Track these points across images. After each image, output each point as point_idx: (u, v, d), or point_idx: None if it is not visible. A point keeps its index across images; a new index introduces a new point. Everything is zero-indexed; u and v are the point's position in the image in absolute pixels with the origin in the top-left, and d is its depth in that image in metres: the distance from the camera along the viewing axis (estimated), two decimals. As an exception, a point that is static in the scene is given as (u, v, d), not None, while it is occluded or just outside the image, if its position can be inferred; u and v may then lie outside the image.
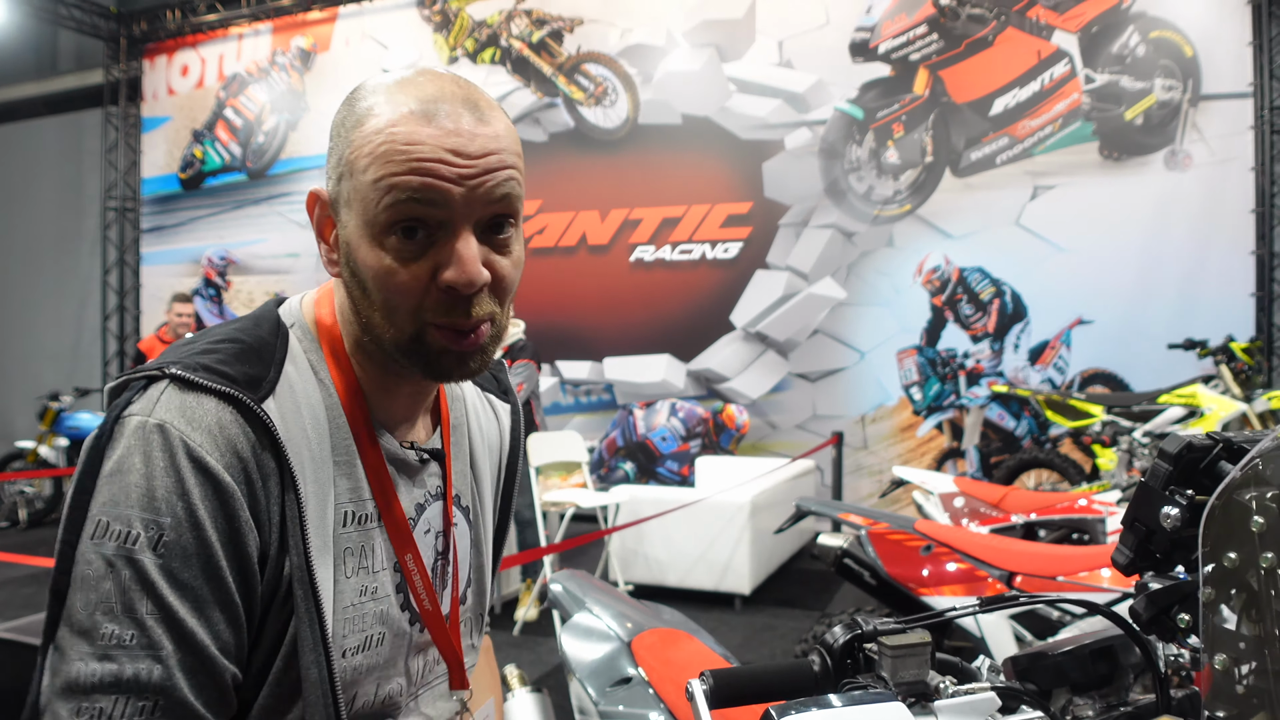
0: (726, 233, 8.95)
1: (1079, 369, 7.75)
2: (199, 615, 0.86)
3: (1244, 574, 0.96)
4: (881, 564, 3.30)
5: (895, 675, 1.01)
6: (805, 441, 8.42)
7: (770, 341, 8.79)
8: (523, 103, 9.80)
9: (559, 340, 9.41)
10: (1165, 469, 1.00)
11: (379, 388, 1.05)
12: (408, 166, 0.91)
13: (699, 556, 6.32)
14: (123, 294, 12.43)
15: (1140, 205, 7.56)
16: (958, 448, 8.18)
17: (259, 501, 0.91)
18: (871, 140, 8.43)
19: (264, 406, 0.94)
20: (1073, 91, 7.80)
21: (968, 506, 4.74)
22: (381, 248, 0.94)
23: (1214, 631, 0.97)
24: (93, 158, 12.74)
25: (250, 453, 0.91)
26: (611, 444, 8.93)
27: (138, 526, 0.85)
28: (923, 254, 8.25)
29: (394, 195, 0.91)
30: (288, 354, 1.01)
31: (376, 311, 0.96)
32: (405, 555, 1.05)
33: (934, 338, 8.21)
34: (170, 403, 0.90)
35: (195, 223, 11.90)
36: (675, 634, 2.13)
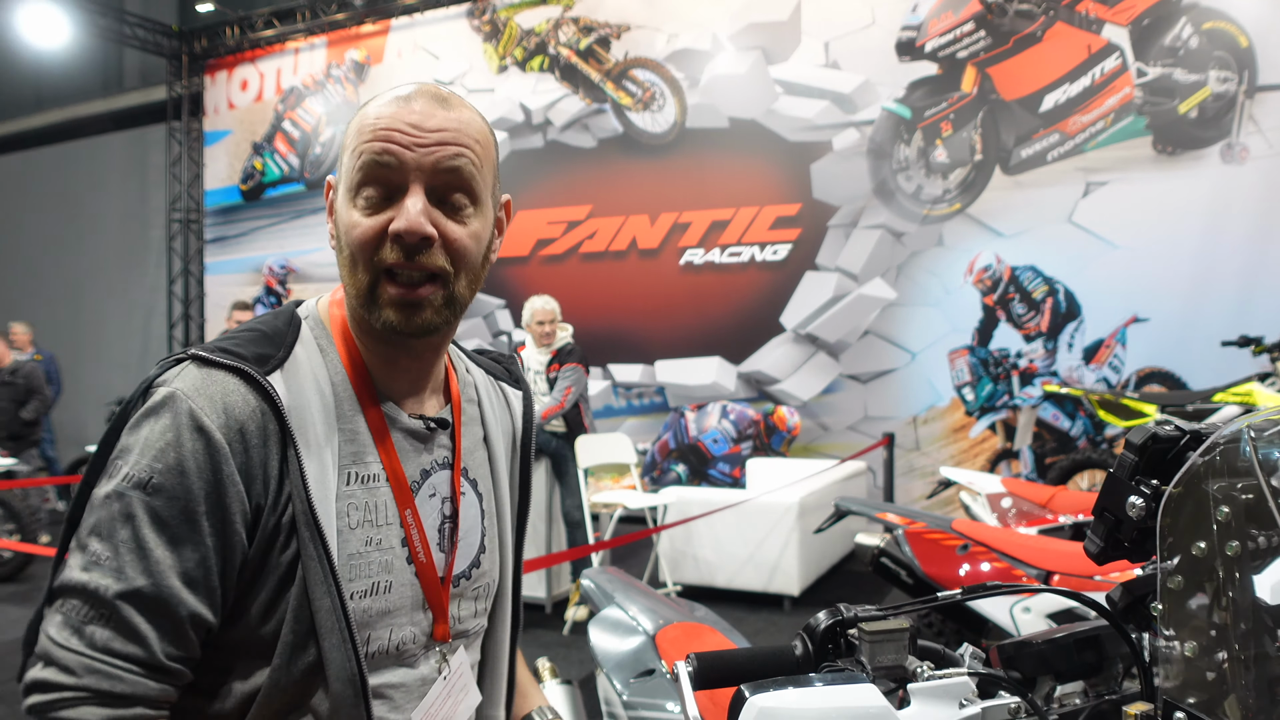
0: (775, 234, 8.96)
1: (1135, 368, 7.63)
2: (172, 552, 1.00)
3: (1211, 563, 0.99)
4: (918, 563, 3.31)
5: (874, 659, 1.05)
6: (857, 443, 8.40)
7: (821, 343, 8.78)
8: (571, 109, 9.90)
9: (610, 344, 9.48)
10: (1131, 459, 1.03)
11: (382, 362, 1.19)
12: (372, 134, 1.09)
13: (748, 558, 6.34)
14: (187, 303, 12.76)
15: (1196, 200, 7.43)
16: (1011, 448, 8.10)
17: (253, 459, 1.05)
18: (920, 139, 8.39)
19: (269, 379, 1.07)
20: (1124, 86, 7.69)
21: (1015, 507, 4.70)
22: (353, 206, 1.11)
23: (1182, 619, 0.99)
24: (157, 172, 13.10)
25: (250, 417, 1.05)
26: (664, 446, 8.98)
27: (134, 470, 1.01)
28: (973, 253, 8.18)
29: (363, 158, 1.09)
30: (298, 338, 1.15)
31: (346, 269, 1.13)
32: (405, 510, 1.16)
33: (986, 337, 8.14)
34: (187, 376, 1.06)
35: (256, 233, 12.19)
36: (699, 628, 2.18)
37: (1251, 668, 0.94)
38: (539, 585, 6.31)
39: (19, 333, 10.40)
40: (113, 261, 13.94)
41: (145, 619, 0.98)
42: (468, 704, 1.26)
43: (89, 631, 0.97)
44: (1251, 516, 0.98)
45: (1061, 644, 1.16)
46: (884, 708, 0.97)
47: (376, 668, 1.14)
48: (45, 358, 10.52)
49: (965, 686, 1.03)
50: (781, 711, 0.94)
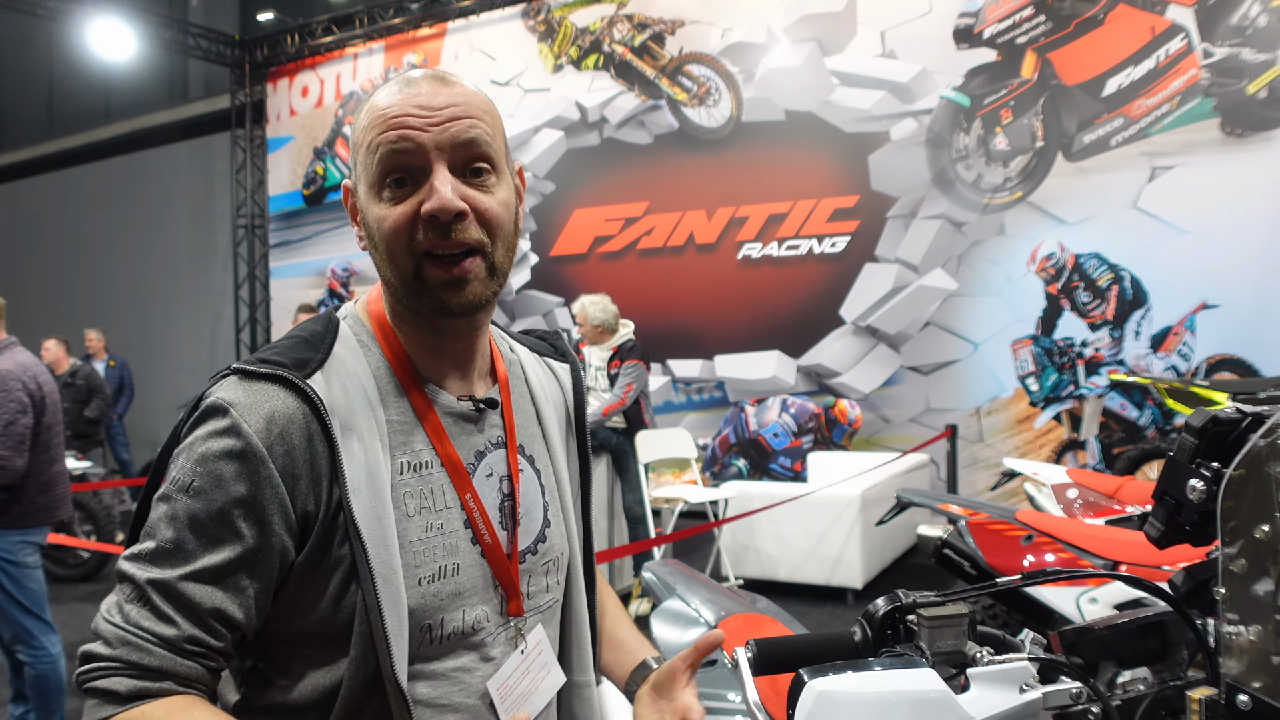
0: (833, 227, 8.91)
1: (1204, 355, 7.47)
2: (203, 547, 1.05)
3: (1275, 545, 0.98)
4: (981, 554, 3.28)
5: (933, 645, 1.06)
6: (919, 435, 8.33)
7: (881, 335, 8.71)
8: (627, 106, 9.93)
9: (669, 339, 9.50)
10: (1191, 442, 1.02)
11: (424, 350, 1.21)
12: (385, 125, 1.11)
13: (810, 551, 6.33)
14: (254, 307, 13.02)
15: (1266, 182, 7.25)
16: (1077, 439, 7.97)
17: (297, 461, 1.08)
18: (979, 127, 8.28)
19: (309, 382, 1.10)
20: (1190, 67, 7.52)
21: (1081, 498, 4.63)
22: (380, 201, 1.13)
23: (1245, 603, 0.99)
24: (222, 179, 13.38)
25: (292, 420, 1.08)
26: (724, 441, 8.98)
27: (180, 474, 1.07)
28: (1035, 241, 8.06)
29: (380, 151, 1.11)
30: (337, 338, 1.17)
31: (385, 263, 1.14)
32: (465, 495, 1.19)
33: (1050, 327, 8.02)
34: (229, 387, 1.10)
35: (319, 237, 12.40)
36: (760, 619, 2.19)
37: (1317, 651, 0.93)
38: (602, 580, 6.35)
39: (93, 339, 10.71)
40: (181, 268, 14.27)
41: (172, 607, 1.04)
42: (550, 682, 1.28)
43: (127, 609, 1.04)
44: (1316, 498, 0.97)
45: (1124, 630, 1.16)
46: (944, 692, 0.97)
47: (450, 650, 1.17)
48: (118, 363, 10.83)
49: (1025, 671, 1.03)
50: (840, 695, 0.95)
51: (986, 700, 1.00)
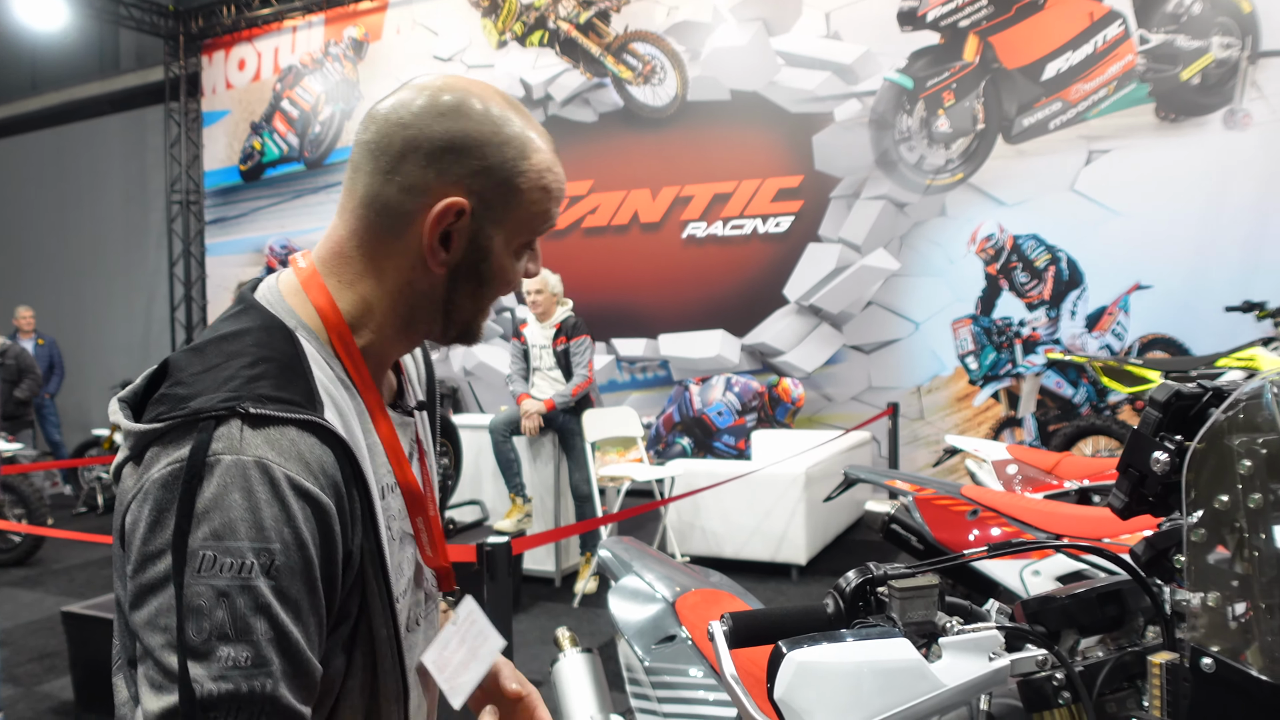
0: (778, 207, 8.96)
1: (1138, 334, 7.65)
2: (300, 625, 0.94)
3: (1233, 516, 1.01)
4: (929, 529, 3.34)
5: (904, 615, 1.08)
6: (861, 413, 8.43)
7: (824, 314, 8.80)
8: (572, 84, 9.87)
9: (614, 318, 9.50)
10: (1155, 416, 1.05)
11: (377, 360, 1.14)
12: (554, 200, 1.13)
13: (755, 528, 6.39)
14: (189, 285, 12.77)
15: (1199, 167, 7.43)
16: (1015, 416, 8.13)
17: (345, 510, 1.00)
18: (922, 109, 8.37)
19: (328, 420, 1.00)
20: (1127, 53, 7.67)
21: (1021, 473, 4.73)
22: (513, 254, 1.13)
23: (1206, 571, 1.02)
24: (156, 153, 13.07)
25: (333, 467, 0.99)
26: (668, 420, 9.01)
27: (249, 556, 0.91)
28: (976, 222, 8.19)
29: (544, 224, 1.13)
30: (309, 361, 1.05)
31: (470, 300, 1.13)
32: (417, 518, 1.18)
33: (989, 306, 8.16)
34: (255, 439, 0.95)
35: (257, 213, 12.18)
36: (718, 594, 2.21)
37: (1274, 615, 0.97)
38: (548, 559, 6.36)
39: (24, 317, 10.44)
40: (113, 244, 13.93)
41: (296, 696, 0.93)
42: (489, 648, 1.25)
43: None
44: (1273, 469, 1.00)
45: (1085, 599, 1.19)
46: (918, 660, 0.99)
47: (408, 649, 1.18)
48: (47, 342, 10.56)
49: (994, 640, 1.06)
50: (819, 665, 0.96)
51: (957, 668, 1.02)
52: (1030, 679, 1.10)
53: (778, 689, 0.97)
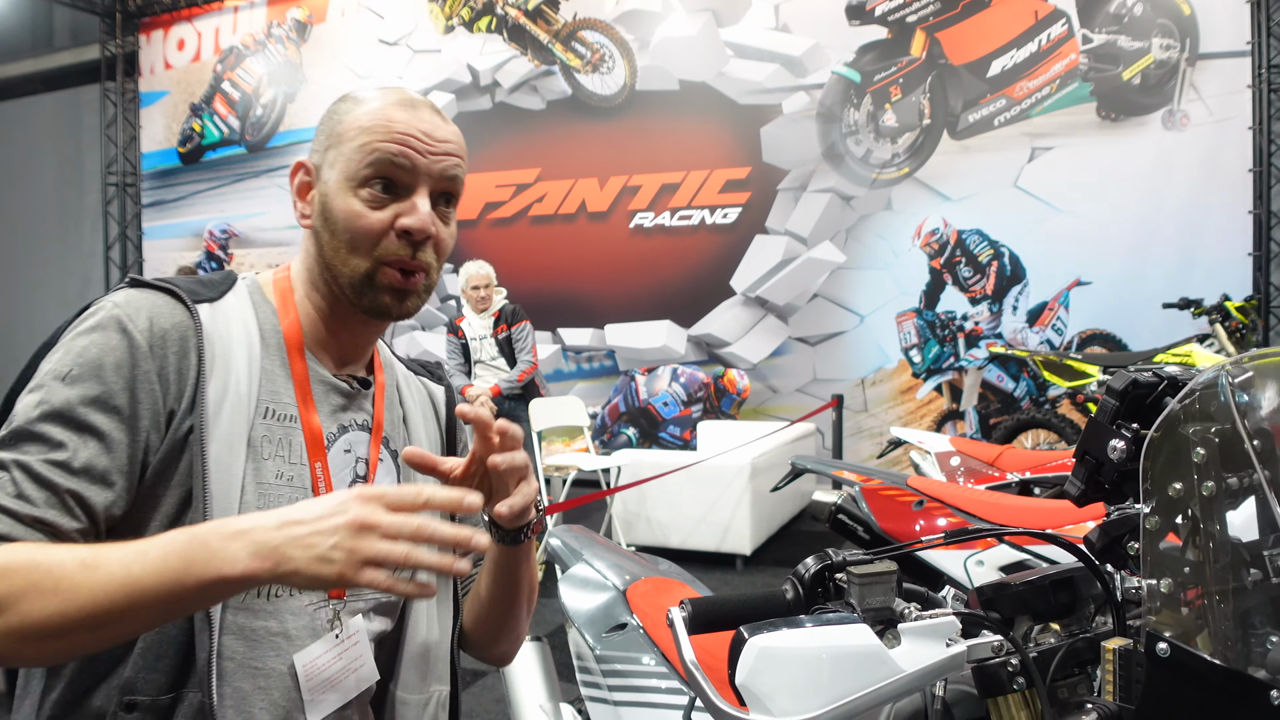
0: (725, 198, 8.98)
1: (1077, 330, 7.79)
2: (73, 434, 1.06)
3: (1187, 503, 1.03)
4: (875, 519, 3.36)
5: (863, 602, 1.08)
6: (806, 405, 8.49)
7: (770, 306, 8.83)
8: (519, 71, 9.80)
9: (560, 307, 9.46)
10: (1112, 404, 1.06)
11: (321, 329, 1.28)
12: (390, 135, 1.20)
13: (700, 518, 6.41)
14: (125, 269, 12.48)
15: (1138, 166, 7.57)
16: (957, 409, 8.24)
17: (169, 365, 1.13)
18: (869, 103, 8.43)
19: (196, 307, 1.17)
20: (1070, 52, 7.79)
21: (964, 465, 4.79)
22: (356, 197, 1.20)
23: (1160, 557, 1.03)
24: (91, 134, 12.75)
25: (174, 328, 1.14)
26: (614, 410, 9.01)
27: (57, 365, 1.10)
28: (921, 217, 8.27)
29: (377, 155, 1.19)
30: (231, 289, 1.25)
31: (341, 249, 1.21)
32: (315, 462, 1.22)
33: (933, 300, 8.25)
34: (122, 293, 1.17)
35: (196, 197, 11.94)
36: (669, 582, 2.21)
37: (1227, 601, 0.98)
38: (493, 548, 6.32)
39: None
40: (46, 227, 13.57)
41: (31, 486, 1.02)
42: (359, 677, 1.23)
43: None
44: (1226, 458, 1.02)
45: (1038, 585, 1.20)
46: (877, 645, 0.99)
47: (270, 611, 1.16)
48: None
49: (951, 625, 1.06)
50: (780, 651, 0.96)
51: (916, 653, 1.03)
52: (985, 665, 1.11)
53: (739, 674, 0.97)
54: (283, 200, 11.13)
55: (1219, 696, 0.93)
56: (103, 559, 0.94)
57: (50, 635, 0.93)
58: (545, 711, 2.19)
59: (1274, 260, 7.40)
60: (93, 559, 0.94)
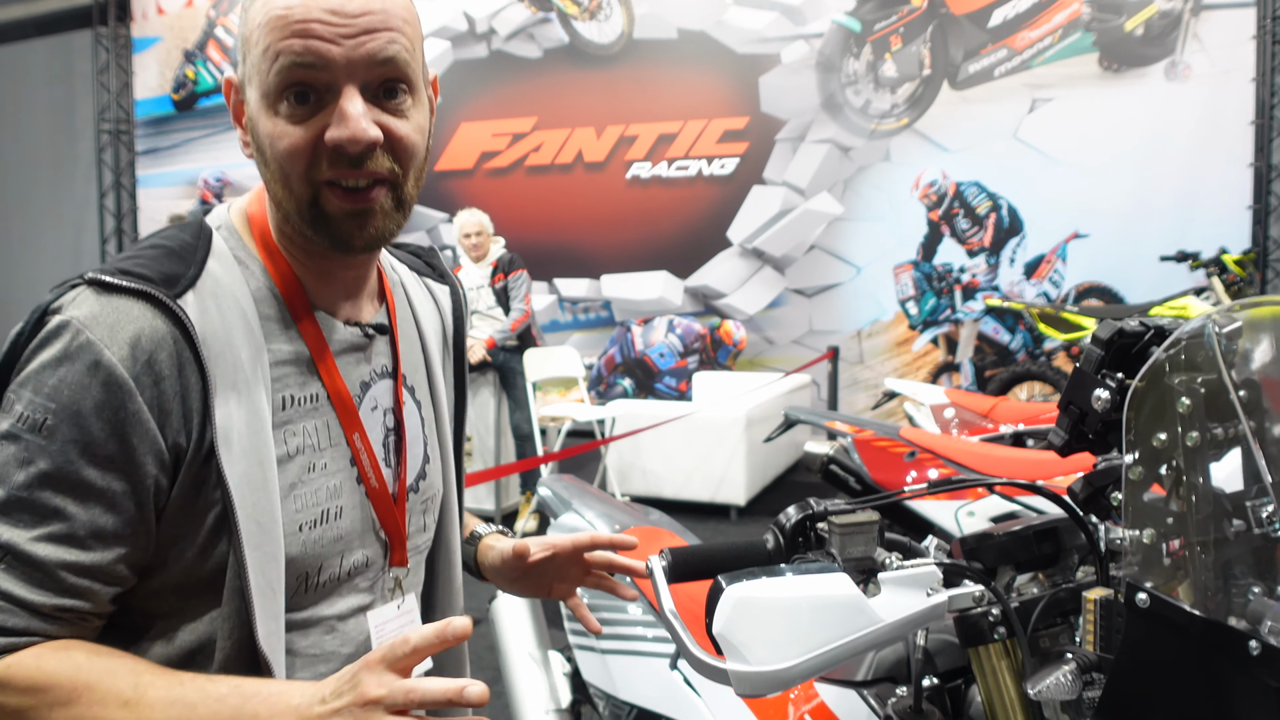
0: (723, 148, 8.91)
1: (1074, 283, 7.77)
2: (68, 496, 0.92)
3: (1171, 453, 1.02)
4: (867, 470, 3.38)
5: (844, 551, 1.07)
6: (802, 356, 8.48)
7: (767, 257, 8.80)
8: (516, 18, 9.67)
9: (556, 258, 9.42)
10: (1097, 354, 1.05)
11: (312, 273, 1.10)
12: (289, 30, 0.95)
13: (695, 469, 6.43)
14: (120, 217, 12.42)
15: (1139, 118, 7.50)
16: (953, 361, 8.24)
17: (167, 393, 0.95)
18: (869, 53, 8.34)
19: (179, 302, 0.97)
20: (1073, 2, 7.69)
21: (957, 417, 4.80)
22: (275, 114, 0.98)
23: (1142, 508, 1.03)
24: (84, 80, 12.61)
25: (161, 346, 0.95)
26: (610, 361, 9.01)
27: (29, 409, 0.93)
28: (920, 168, 8.21)
29: (280, 61, 0.96)
30: (210, 252, 1.03)
31: (276, 182, 1.02)
32: (353, 434, 1.10)
33: (930, 252, 8.22)
34: (84, 302, 0.96)
35: (190, 144, 11.84)
36: (659, 532, 2.21)
37: (1209, 552, 0.98)
38: (488, 498, 6.35)
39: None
40: (39, 175, 13.47)
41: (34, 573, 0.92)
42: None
43: None
44: (1212, 408, 1.01)
45: (1021, 535, 1.20)
46: (856, 595, 0.99)
47: (325, 596, 1.09)
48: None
49: (933, 575, 1.06)
50: (758, 600, 0.96)
51: (896, 603, 1.02)
52: (967, 614, 1.11)
53: (716, 623, 0.96)
54: (277, 148, 11.04)
55: (1198, 647, 0.93)
56: (145, 703, 0.89)
57: None
58: (534, 659, 2.21)
59: (1273, 214, 7.36)
60: (135, 698, 0.89)
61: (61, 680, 0.90)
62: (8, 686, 0.90)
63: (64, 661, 0.91)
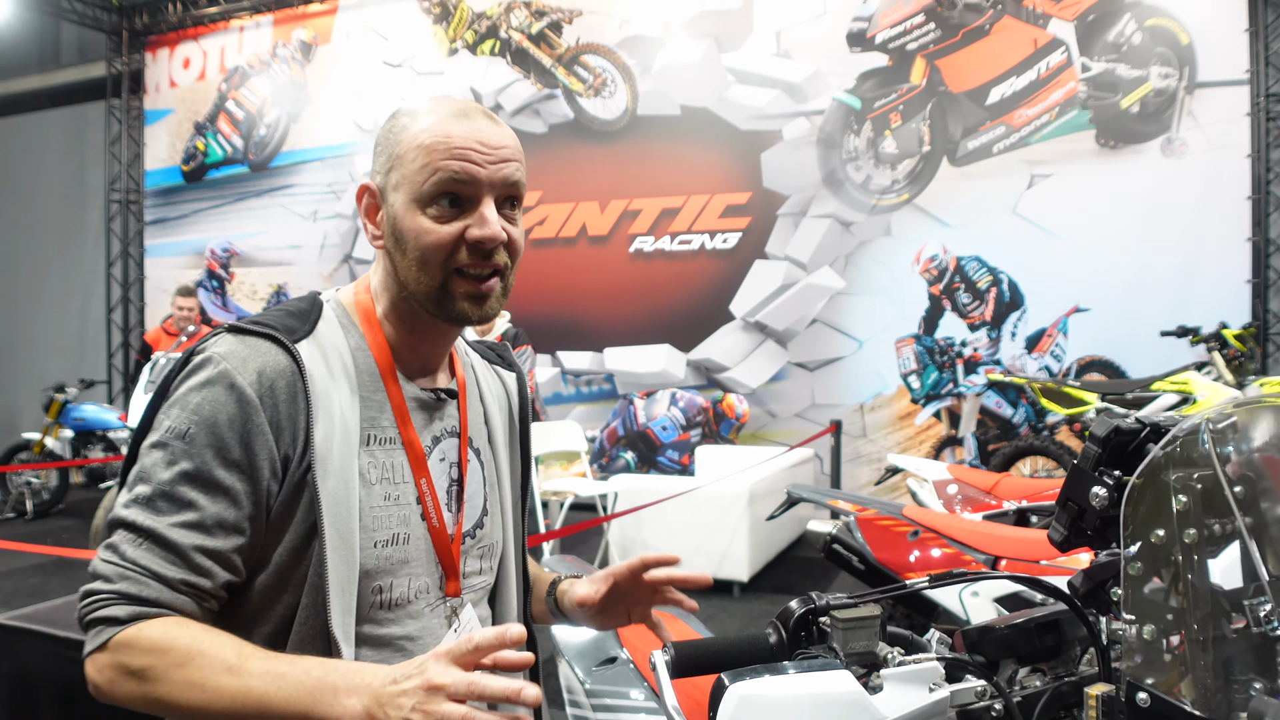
0: (725, 223, 9.00)
1: (1076, 356, 7.79)
2: (200, 494, 1.15)
3: (1169, 550, 1.03)
4: (870, 549, 3.36)
5: (846, 646, 1.08)
6: (804, 430, 8.48)
7: (769, 331, 8.84)
8: (522, 94, 9.85)
9: (560, 331, 9.47)
10: (1095, 451, 1.07)
11: (404, 345, 1.34)
12: (449, 154, 1.24)
13: (698, 545, 6.39)
14: (127, 286, 12.52)
15: (1137, 193, 7.60)
16: (955, 435, 8.23)
17: (282, 413, 1.20)
18: (869, 130, 8.47)
19: (296, 346, 1.23)
20: (1069, 80, 7.83)
21: (961, 493, 4.78)
22: (424, 215, 1.25)
23: (1142, 604, 1.03)
24: (96, 150, 12.81)
25: (280, 376, 1.21)
26: (612, 433, 9.01)
27: (175, 423, 1.17)
28: (920, 243, 8.29)
29: (439, 175, 1.23)
30: (321, 317, 1.30)
31: (413, 267, 1.27)
32: (420, 479, 1.32)
33: (932, 326, 8.26)
34: (223, 342, 1.23)
35: (198, 215, 11.98)
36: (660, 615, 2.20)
37: (1209, 649, 0.98)
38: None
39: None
40: (49, 243, 13.62)
41: (168, 552, 1.13)
42: None
43: (124, 549, 1.13)
44: (1208, 505, 1.02)
45: (1023, 628, 1.20)
46: (859, 693, 0.99)
47: (396, 619, 1.28)
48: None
49: (935, 671, 1.06)
50: (762, 699, 0.96)
51: (898, 700, 1.03)
52: (969, 710, 1.11)
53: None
54: (285, 220, 11.17)
55: (1199, 746, 0.93)
56: (246, 671, 1.07)
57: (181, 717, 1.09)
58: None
59: (1272, 287, 7.42)
60: (238, 666, 1.08)
61: (180, 645, 1.09)
62: (135, 647, 1.09)
63: (183, 631, 1.11)
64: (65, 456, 9.09)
